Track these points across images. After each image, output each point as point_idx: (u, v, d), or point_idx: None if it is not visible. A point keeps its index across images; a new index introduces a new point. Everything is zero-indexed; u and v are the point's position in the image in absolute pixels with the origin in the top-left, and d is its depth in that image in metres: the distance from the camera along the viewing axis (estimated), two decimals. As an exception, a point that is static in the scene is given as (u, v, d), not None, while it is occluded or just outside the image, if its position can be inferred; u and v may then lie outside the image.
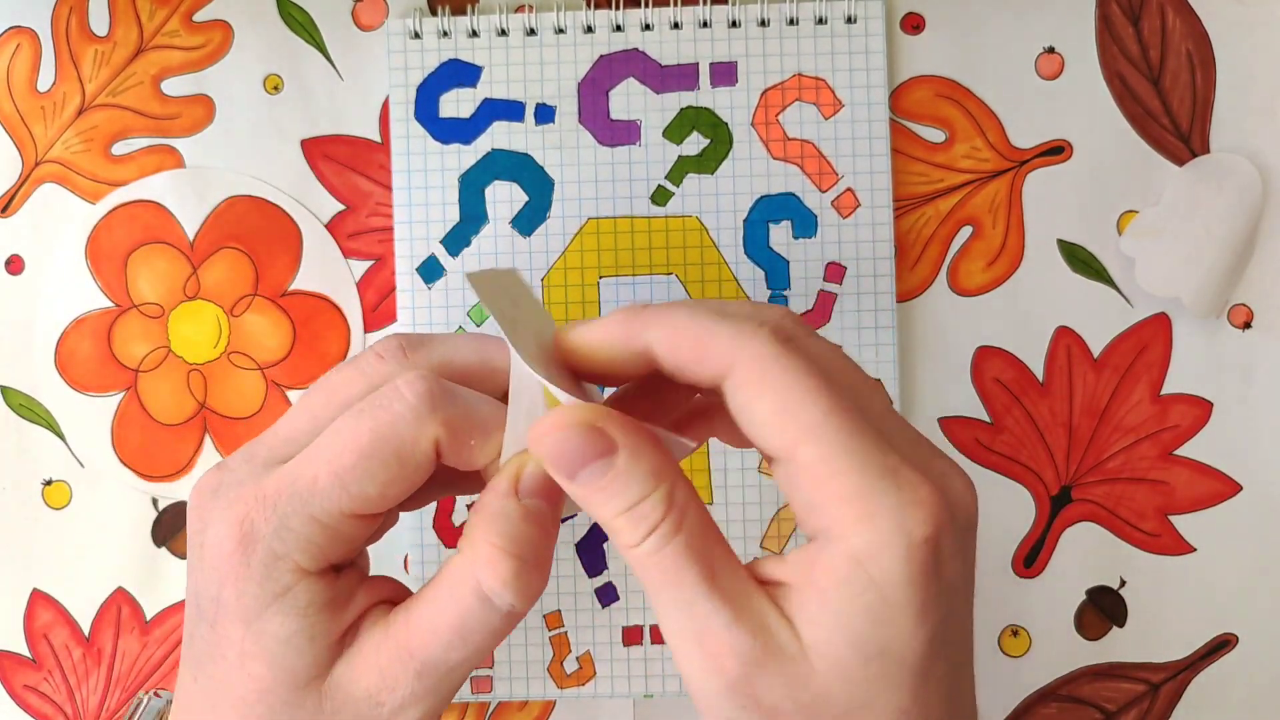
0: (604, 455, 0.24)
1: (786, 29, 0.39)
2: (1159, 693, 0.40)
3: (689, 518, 0.24)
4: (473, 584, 0.25)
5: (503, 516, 0.25)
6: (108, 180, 0.40)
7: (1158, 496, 0.40)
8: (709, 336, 0.24)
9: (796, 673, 0.23)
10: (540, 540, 0.25)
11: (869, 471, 0.23)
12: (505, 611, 0.25)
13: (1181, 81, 0.40)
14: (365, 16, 0.40)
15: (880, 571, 0.22)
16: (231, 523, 0.25)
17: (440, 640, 0.25)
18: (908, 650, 0.23)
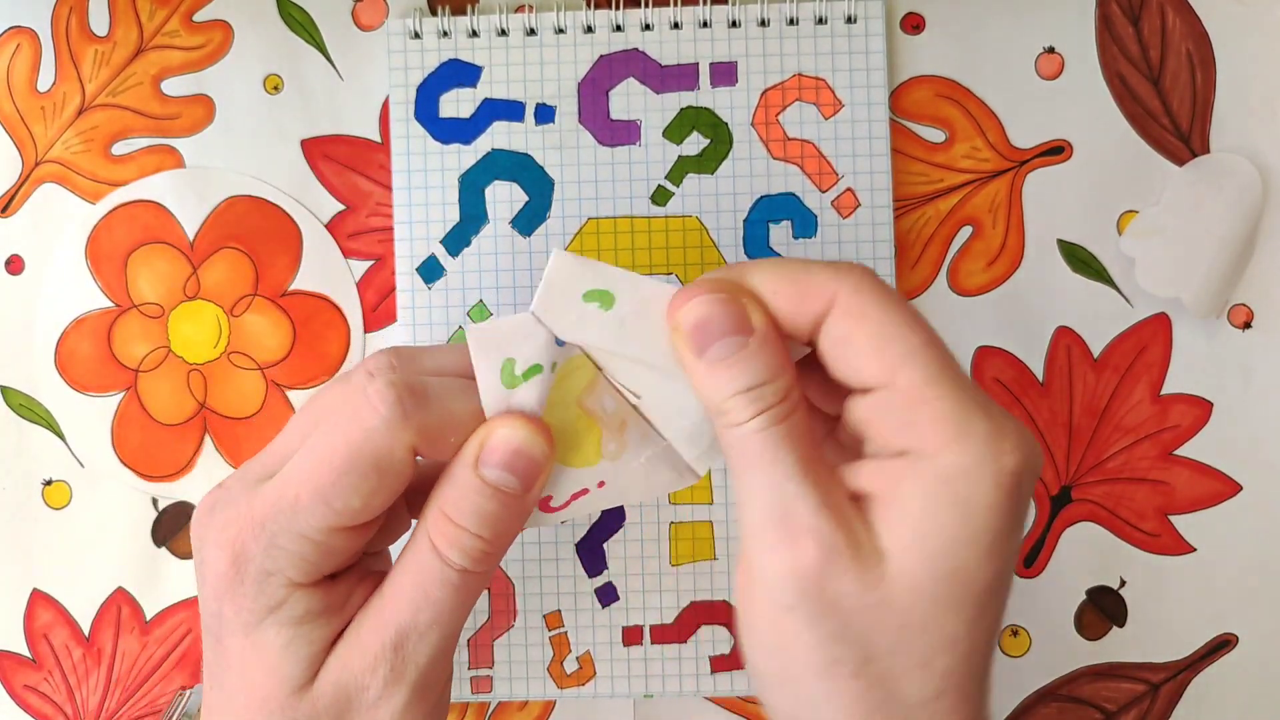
0: (740, 333, 0.25)
1: (786, 29, 0.39)
2: (1159, 693, 0.40)
3: (796, 412, 0.25)
4: (428, 543, 0.26)
5: (456, 485, 0.26)
6: (108, 180, 0.40)
7: (1158, 496, 0.40)
8: (808, 275, 0.25)
9: (868, 573, 0.24)
10: (494, 510, 0.26)
11: (965, 400, 0.24)
12: (459, 569, 0.26)
13: (1181, 81, 0.40)
14: (365, 16, 0.40)
15: (966, 491, 0.23)
16: (224, 544, 0.26)
17: (407, 601, 0.26)
18: (976, 578, 0.24)
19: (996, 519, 0.23)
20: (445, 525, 0.26)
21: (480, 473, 0.26)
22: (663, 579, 0.39)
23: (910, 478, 0.24)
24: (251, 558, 0.26)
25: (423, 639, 0.26)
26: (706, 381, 0.25)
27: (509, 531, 0.27)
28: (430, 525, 0.26)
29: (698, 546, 0.39)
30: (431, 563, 0.26)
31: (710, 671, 0.39)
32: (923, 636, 0.24)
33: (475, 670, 0.39)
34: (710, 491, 0.39)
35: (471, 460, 0.26)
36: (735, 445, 0.25)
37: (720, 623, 0.39)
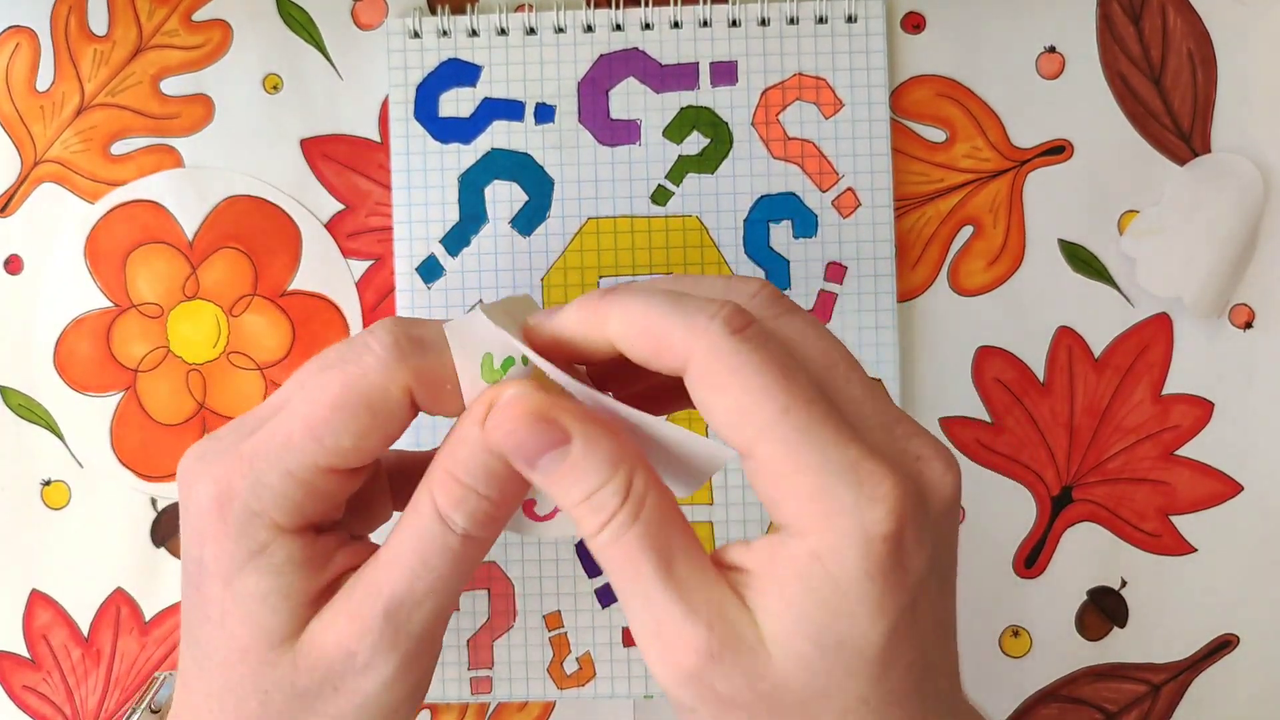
0: (558, 445, 0.24)
1: (787, 28, 0.39)
2: (1160, 693, 0.40)
3: (647, 506, 0.24)
4: (430, 507, 0.25)
5: (462, 443, 0.25)
6: (107, 180, 0.40)
7: (1159, 497, 0.40)
8: (663, 330, 0.24)
9: (754, 663, 0.23)
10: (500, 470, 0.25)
11: (827, 469, 0.22)
12: (461, 534, 0.25)
13: (1183, 81, 0.40)
14: (365, 16, 0.40)
15: (838, 567, 0.22)
16: (210, 483, 0.25)
17: (403, 568, 0.25)
18: (865, 642, 0.23)
19: (874, 586, 0.22)
20: (451, 484, 0.25)
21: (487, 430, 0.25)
22: (663, 579, 0.39)
23: (783, 556, 0.23)
24: (236, 495, 0.25)
25: (418, 607, 0.25)
26: (549, 493, 0.25)
27: (514, 497, 0.26)
28: (436, 485, 0.25)
29: (698, 547, 0.39)
30: (433, 528, 0.25)
31: (710, 672, 0.39)
32: (828, 706, 0.23)
33: (475, 671, 0.39)
34: (710, 492, 0.39)
35: (480, 417, 0.25)
36: (598, 556, 0.24)
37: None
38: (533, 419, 0.24)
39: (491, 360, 0.26)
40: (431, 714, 0.40)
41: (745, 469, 0.24)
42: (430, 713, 0.40)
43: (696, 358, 0.23)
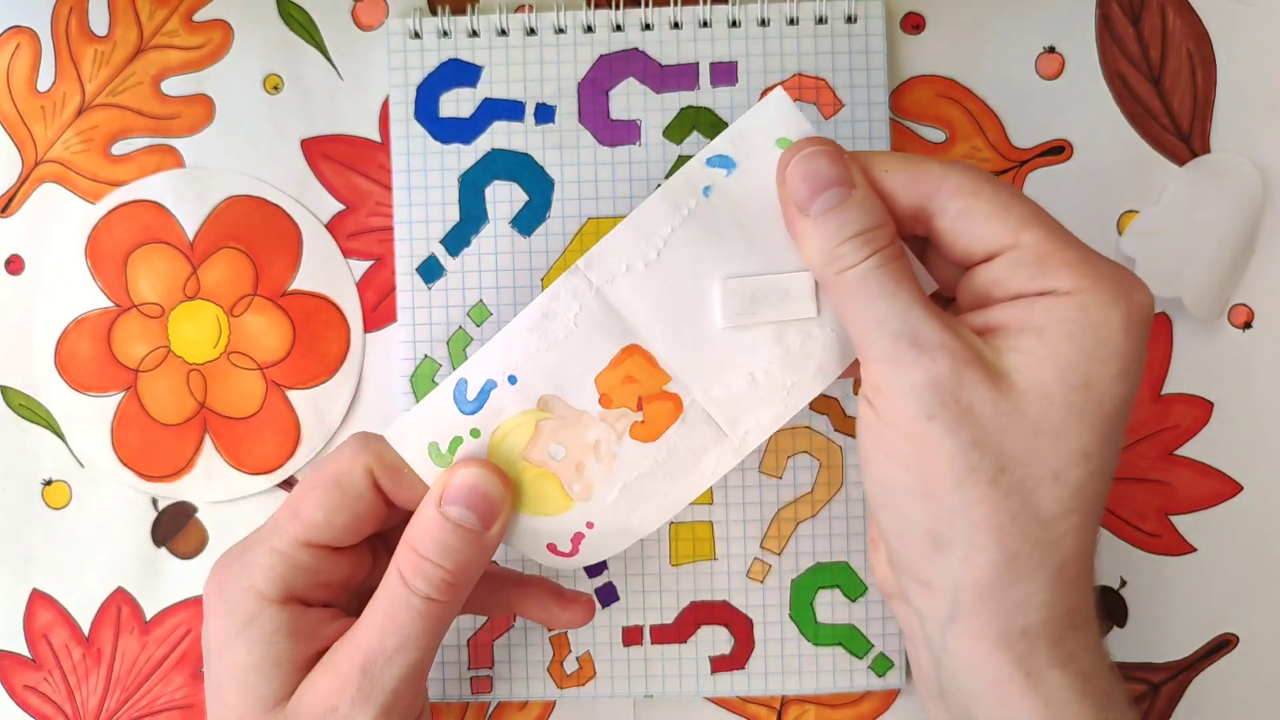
0: (844, 185, 0.27)
1: (787, 29, 0.39)
2: (1159, 693, 0.40)
3: (905, 257, 0.27)
4: (395, 574, 0.28)
5: (421, 520, 0.29)
6: (107, 180, 0.40)
7: (1158, 496, 0.40)
8: (919, 160, 0.28)
9: (998, 384, 0.25)
10: (455, 544, 0.28)
11: (1088, 251, 0.26)
12: (423, 598, 0.28)
13: (1182, 81, 0.40)
14: (365, 16, 0.40)
15: (1101, 317, 0.25)
16: (215, 572, 0.30)
17: (376, 627, 0.28)
18: (1107, 394, 0.25)
19: (1128, 344, 0.25)
20: (411, 556, 0.28)
21: (443, 509, 0.28)
22: (663, 579, 0.39)
23: (1043, 308, 0.25)
24: (230, 575, 0.29)
25: (390, 662, 0.28)
26: (815, 232, 0.27)
27: (470, 564, 0.29)
28: (399, 557, 0.29)
29: (698, 547, 0.39)
30: (399, 590, 0.28)
31: (710, 672, 0.39)
32: (1055, 446, 0.25)
33: (475, 671, 0.39)
34: (710, 492, 0.39)
35: (436, 498, 0.29)
36: (852, 285, 0.27)
37: (720, 623, 0.39)
38: (827, 154, 0.27)
39: (438, 447, 0.29)
40: (432, 714, 0.40)
41: (993, 268, 0.27)
42: (430, 713, 0.40)
43: (956, 174, 0.27)
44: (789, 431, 0.39)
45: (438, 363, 0.39)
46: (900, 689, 0.40)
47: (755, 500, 0.39)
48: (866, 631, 0.39)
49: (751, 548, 0.39)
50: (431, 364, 0.39)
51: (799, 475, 0.39)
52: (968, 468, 0.25)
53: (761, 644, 0.39)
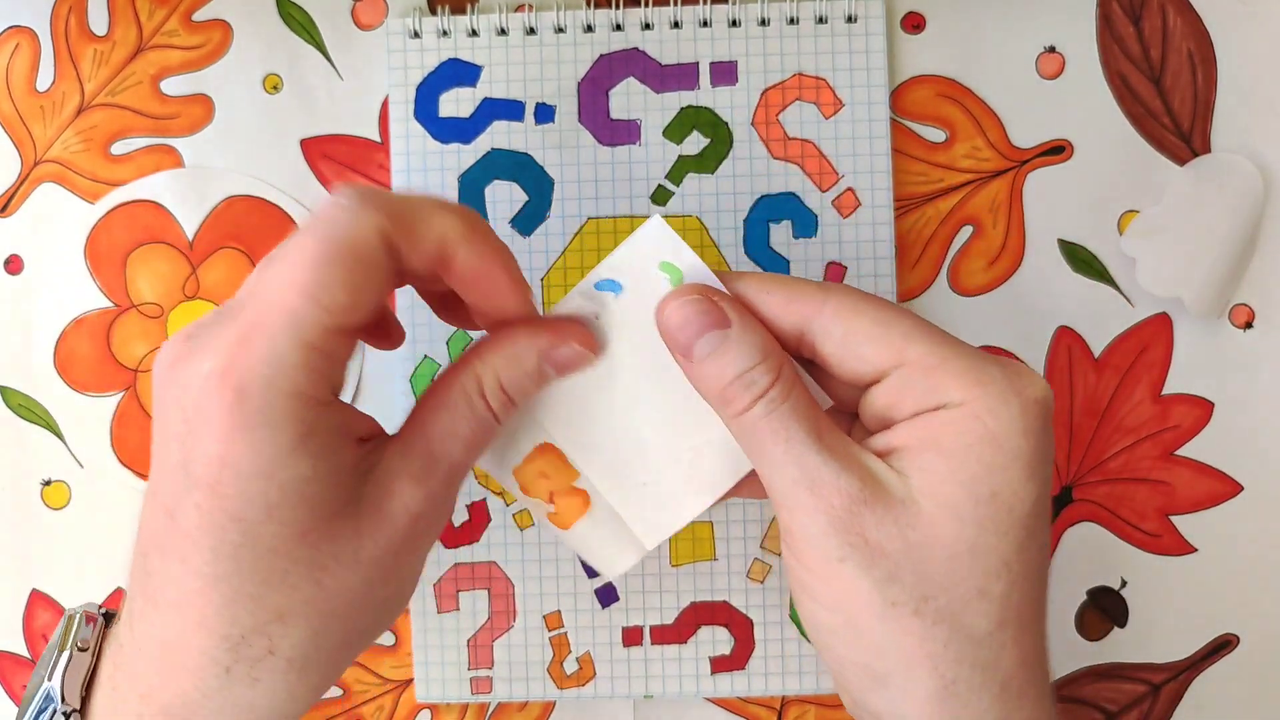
0: (719, 326, 0.27)
1: (787, 28, 0.39)
2: (1160, 693, 0.40)
3: (796, 389, 0.27)
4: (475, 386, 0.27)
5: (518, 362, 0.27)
6: (107, 180, 0.40)
7: (1159, 497, 0.40)
8: (796, 282, 0.27)
9: (904, 512, 0.25)
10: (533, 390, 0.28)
11: (974, 357, 0.26)
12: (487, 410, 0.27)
13: (1182, 81, 0.40)
14: (365, 16, 0.40)
15: (996, 424, 0.25)
16: (218, 375, 0.23)
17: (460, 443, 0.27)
18: (1017, 499, 0.25)
19: (1029, 444, 0.25)
20: (498, 391, 0.27)
21: (544, 366, 0.28)
22: (663, 580, 0.39)
23: (939, 424, 0.25)
24: (257, 379, 0.23)
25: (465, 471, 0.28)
26: (700, 377, 0.27)
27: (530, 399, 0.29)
28: (485, 384, 0.27)
29: (698, 547, 0.39)
30: (484, 413, 0.27)
31: (710, 672, 0.39)
32: (973, 564, 0.25)
33: (475, 671, 0.39)
34: (710, 492, 0.39)
35: (541, 348, 0.28)
36: (748, 431, 0.26)
37: (720, 623, 0.39)
38: (699, 298, 0.27)
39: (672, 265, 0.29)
40: (432, 714, 0.40)
41: (883, 389, 0.26)
42: (430, 713, 0.40)
43: (835, 295, 0.27)
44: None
45: (437, 362, 0.39)
46: (900, 689, 0.40)
47: (754, 502, 0.39)
48: (867, 632, 0.39)
49: (751, 548, 0.39)
50: (431, 364, 0.39)
51: (799, 475, 0.39)
52: (888, 603, 0.25)
53: (761, 644, 0.39)
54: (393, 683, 0.40)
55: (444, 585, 0.39)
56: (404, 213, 0.25)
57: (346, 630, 0.26)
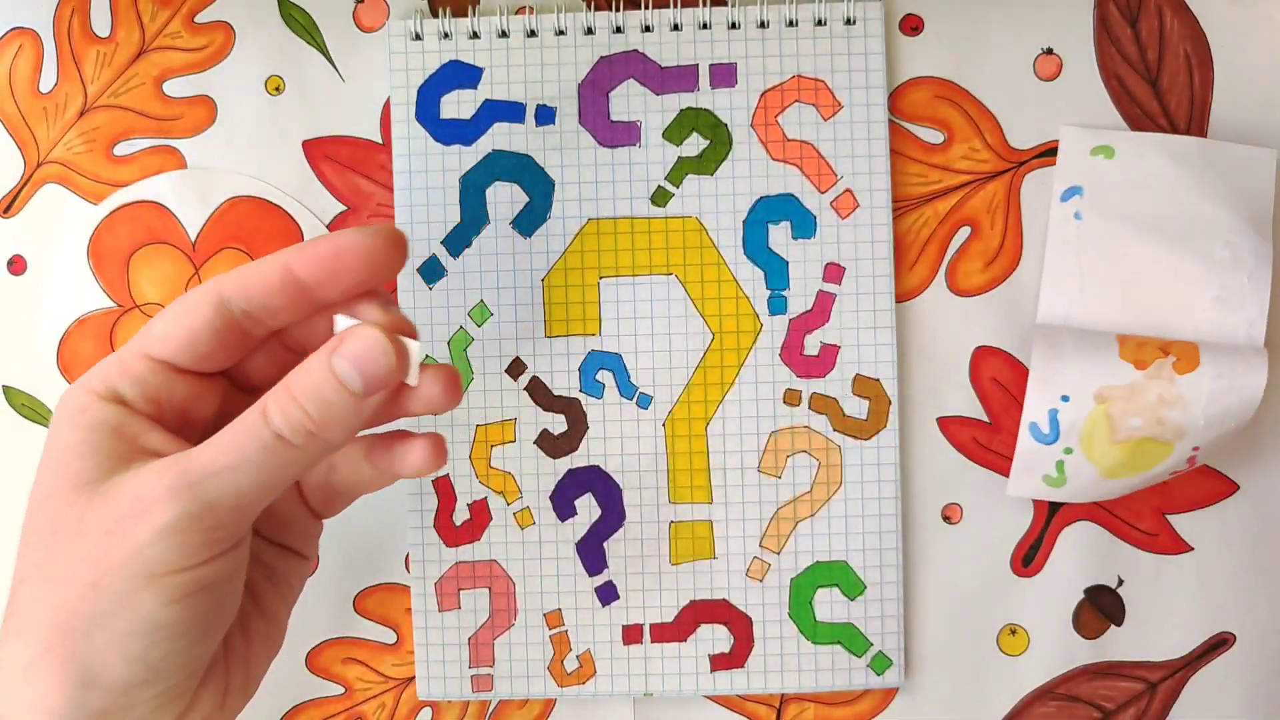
0: None
1: (786, 30, 0.39)
2: (1157, 691, 0.40)
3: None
4: (261, 406, 0.27)
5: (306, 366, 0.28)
6: (110, 181, 0.40)
7: (1155, 496, 0.40)
8: None
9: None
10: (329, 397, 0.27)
11: None
12: (275, 432, 0.27)
13: (1179, 82, 0.40)
14: (366, 18, 0.41)
15: None
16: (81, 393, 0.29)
17: (214, 446, 0.27)
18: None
19: None
20: (281, 394, 0.27)
21: (331, 360, 0.27)
22: (663, 578, 0.40)
23: None
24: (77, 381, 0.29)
25: (215, 477, 0.27)
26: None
27: (336, 422, 0.27)
28: (271, 393, 0.28)
29: (698, 545, 0.40)
30: (253, 419, 0.27)
31: (710, 670, 0.40)
32: None
33: (475, 669, 0.40)
34: (710, 491, 0.39)
35: (330, 348, 0.27)
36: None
37: (719, 621, 0.40)
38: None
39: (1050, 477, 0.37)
40: (433, 712, 0.41)
41: None
42: (431, 710, 0.41)
43: None
44: (788, 431, 0.39)
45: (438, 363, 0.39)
46: (899, 687, 0.40)
47: (754, 499, 0.39)
48: (865, 630, 0.39)
49: (751, 547, 0.39)
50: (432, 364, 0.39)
51: (798, 474, 0.39)
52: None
53: (761, 642, 0.39)
54: (394, 680, 0.41)
55: (445, 584, 0.40)
56: (242, 268, 0.29)
57: (54, 604, 0.27)
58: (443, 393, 0.29)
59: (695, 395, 0.39)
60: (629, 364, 0.39)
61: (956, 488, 0.40)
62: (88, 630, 0.26)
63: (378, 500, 0.40)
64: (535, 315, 0.39)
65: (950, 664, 0.40)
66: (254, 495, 0.27)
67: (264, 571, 0.32)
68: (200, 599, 0.27)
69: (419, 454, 0.31)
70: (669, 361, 0.39)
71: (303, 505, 0.33)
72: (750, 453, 0.39)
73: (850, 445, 0.39)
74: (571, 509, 0.40)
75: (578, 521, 0.40)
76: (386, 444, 0.31)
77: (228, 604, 0.29)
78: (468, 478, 0.40)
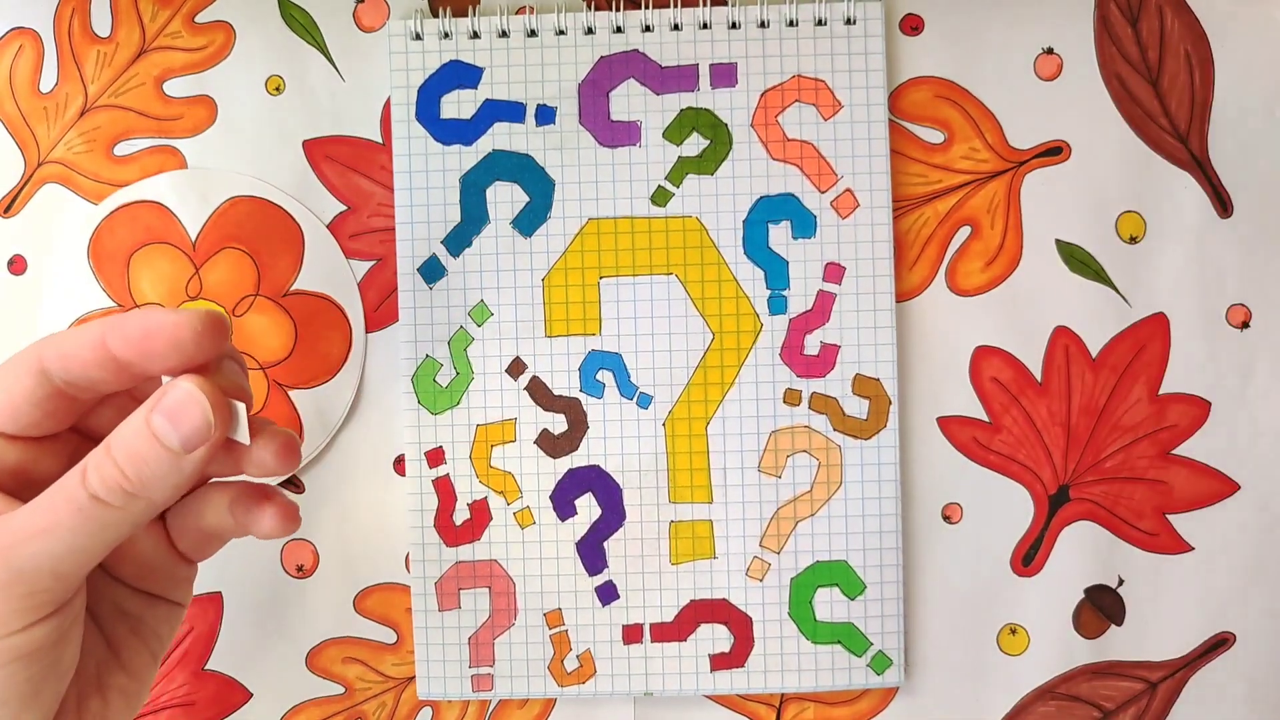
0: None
1: (786, 30, 0.39)
2: (1157, 691, 0.40)
3: None
4: (80, 467, 0.26)
5: (128, 423, 0.27)
6: (110, 181, 0.40)
7: (1156, 495, 0.40)
8: None
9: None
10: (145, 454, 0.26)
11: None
12: (90, 494, 0.26)
13: (1180, 82, 0.40)
14: (367, 18, 0.41)
15: None
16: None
17: (30, 510, 0.26)
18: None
19: None
20: (101, 455, 0.26)
21: (149, 417, 0.26)
22: (663, 577, 0.40)
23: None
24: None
25: (29, 542, 0.26)
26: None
27: (156, 480, 0.27)
28: (91, 454, 0.27)
29: (698, 545, 0.40)
30: (71, 481, 0.26)
31: (710, 670, 0.40)
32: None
33: (476, 668, 0.40)
34: (710, 491, 0.39)
35: (150, 405, 0.27)
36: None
37: (720, 621, 0.40)
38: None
39: None
40: (433, 711, 0.41)
41: None
42: (431, 710, 0.41)
43: None
44: (788, 430, 0.39)
45: (439, 362, 0.39)
46: (899, 687, 0.40)
47: (755, 499, 0.39)
48: (865, 630, 0.39)
49: (751, 546, 0.39)
50: (433, 364, 0.39)
51: (798, 474, 0.39)
52: None
53: (761, 642, 0.39)
54: (394, 680, 0.41)
55: (445, 583, 0.40)
56: (64, 335, 0.28)
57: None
58: (275, 456, 0.28)
59: (695, 395, 0.39)
60: (629, 364, 0.39)
61: (956, 488, 0.40)
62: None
63: (378, 500, 0.40)
64: (535, 315, 0.39)
65: (950, 663, 0.40)
66: (72, 560, 0.26)
67: (128, 623, 0.31)
68: (19, 667, 0.26)
69: (269, 520, 0.30)
70: (669, 361, 0.39)
71: (171, 550, 0.31)
72: (750, 452, 0.39)
73: (850, 445, 0.39)
74: (571, 509, 0.40)
75: (578, 521, 0.40)
76: (249, 499, 0.30)
77: (58, 669, 0.28)
78: (468, 477, 0.40)
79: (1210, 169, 0.40)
